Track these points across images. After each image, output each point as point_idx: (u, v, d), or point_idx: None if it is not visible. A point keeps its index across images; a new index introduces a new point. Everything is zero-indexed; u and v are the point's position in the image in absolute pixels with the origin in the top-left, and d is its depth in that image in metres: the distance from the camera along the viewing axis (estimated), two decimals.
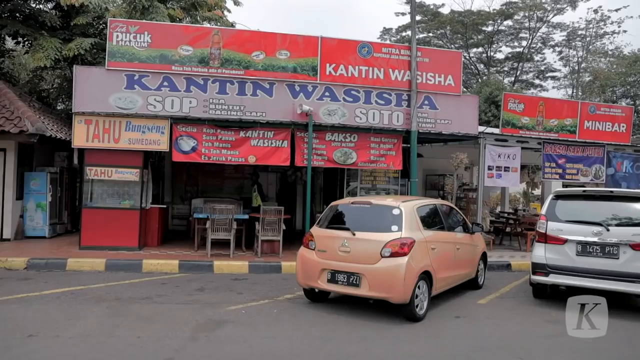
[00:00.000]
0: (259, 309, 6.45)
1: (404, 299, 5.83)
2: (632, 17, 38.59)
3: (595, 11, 34.34)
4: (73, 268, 8.59)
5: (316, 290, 6.63)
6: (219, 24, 16.63)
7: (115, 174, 9.88)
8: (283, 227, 9.99)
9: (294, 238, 10.97)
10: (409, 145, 10.76)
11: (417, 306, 5.99)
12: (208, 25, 16.36)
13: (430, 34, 36.37)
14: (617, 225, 6.73)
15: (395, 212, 6.22)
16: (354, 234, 6.14)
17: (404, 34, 34.84)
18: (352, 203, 6.85)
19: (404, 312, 6.01)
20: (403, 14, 35.53)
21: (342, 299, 6.96)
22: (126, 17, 12.32)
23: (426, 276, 6.20)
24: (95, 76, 9.80)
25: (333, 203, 7.03)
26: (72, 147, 9.88)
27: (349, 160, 10.57)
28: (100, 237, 9.71)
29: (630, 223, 6.70)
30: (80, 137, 9.66)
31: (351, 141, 10.58)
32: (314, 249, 6.46)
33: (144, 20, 11.40)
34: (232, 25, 18.28)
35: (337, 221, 6.62)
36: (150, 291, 7.24)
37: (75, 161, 10.25)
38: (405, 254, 5.84)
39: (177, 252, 10.14)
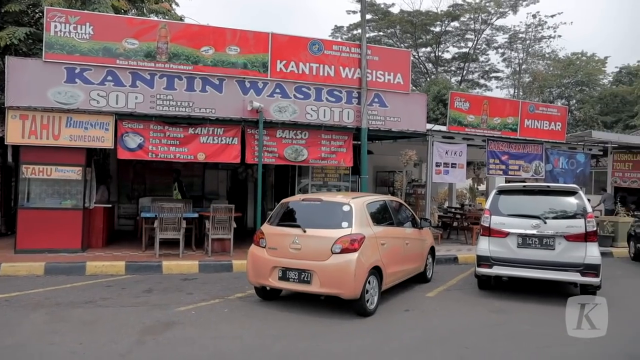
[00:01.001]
0: (209, 309, 6.33)
1: (354, 295, 5.89)
2: (565, 23, 41.08)
3: (534, 16, 36.10)
4: (7, 273, 8.08)
5: (267, 288, 6.59)
6: (166, 17, 16.12)
7: (55, 172, 9.38)
8: (234, 225, 9.86)
9: (246, 236, 10.83)
10: (359, 142, 10.90)
11: (367, 301, 6.08)
12: (155, 18, 15.83)
13: (381, 33, 36.98)
14: (553, 218, 7.12)
15: (346, 208, 6.27)
16: (304, 231, 6.14)
17: (355, 32, 35.24)
18: (302, 200, 6.85)
19: (355, 307, 6.08)
20: (354, 12, 35.89)
21: (294, 297, 6.95)
22: (65, 7, 11.66)
23: (376, 271, 6.30)
24: (31, 68, 9.23)
25: (284, 200, 7.01)
26: (6, 143, 9.28)
27: (300, 157, 10.56)
28: (38, 239, 9.18)
29: (565, 216, 7.12)
30: (15, 133, 9.09)
31: (302, 138, 10.58)
32: (264, 247, 6.41)
33: (85, 11, 10.85)
34: (180, 18, 17.78)
35: (287, 218, 6.60)
36: (94, 294, 6.93)
37: (10, 159, 9.64)
38: (355, 250, 5.90)
39: (124, 253, 9.77)
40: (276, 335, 5.36)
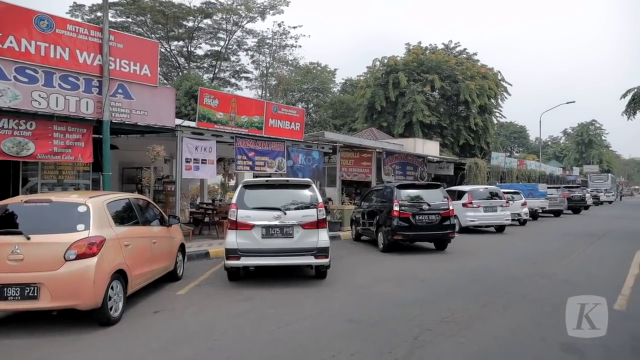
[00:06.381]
0: None
1: (95, 304, 5.37)
2: (304, 35, 46.51)
3: (279, 25, 39.48)
4: None
5: None
6: None
7: None
8: None
9: None
10: (101, 136, 9.92)
11: (111, 308, 5.63)
12: None
13: (130, 20, 34.55)
14: (292, 209, 7.90)
15: (82, 209, 5.63)
16: (28, 238, 5.24)
17: (99, 14, 31.92)
18: (25, 202, 5.81)
19: (96, 317, 5.56)
20: None
21: (16, 318, 5.89)
22: None
23: (120, 275, 5.89)
24: None
25: (0, 203, 5.83)
26: None
27: (24, 151, 8.93)
28: None
29: (302, 206, 7.99)
30: None
31: (27, 129, 8.97)
32: None
33: None
34: None
35: (5, 225, 5.51)
36: None
37: None
38: (94, 254, 5.36)
39: None
40: None
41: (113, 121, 10.07)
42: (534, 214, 22.77)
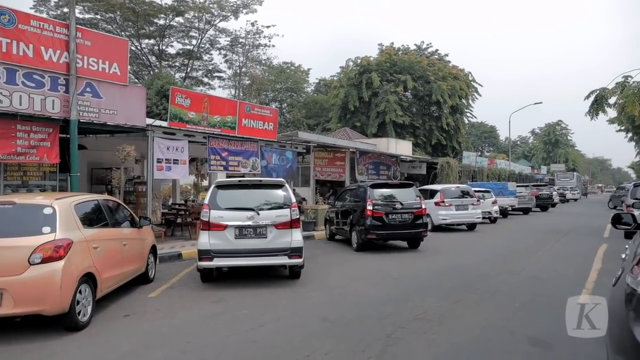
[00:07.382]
0: None
1: (62, 309, 5.20)
2: (278, 35, 46.34)
3: (253, 24, 39.21)
4: None
5: None
6: None
7: None
8: None
9: None
10: (68, 136, 9.64)
11: (79, 313, 5.47)
12: None
13: (99, 17, 33.72)
14: (265, 209, 7.86)
15: (47, 211, 5.45)
16: None
17: (65, 9, 31.02)
18: None
19: (63, 323, 5.39)
20: None
21: None
22: None
23: (89, 278, 5.73)
24: None
25: None
26: None
27: None
28: None
29: (275, 206, 7.95)
30: None
31: None
32: None
33: None
34: None
35: None
36: None
37: None
38: (60, 258, 5.20)
39: None
40: None
41: (81, 120, 9.80)
42: (504, 212, 23.32)
